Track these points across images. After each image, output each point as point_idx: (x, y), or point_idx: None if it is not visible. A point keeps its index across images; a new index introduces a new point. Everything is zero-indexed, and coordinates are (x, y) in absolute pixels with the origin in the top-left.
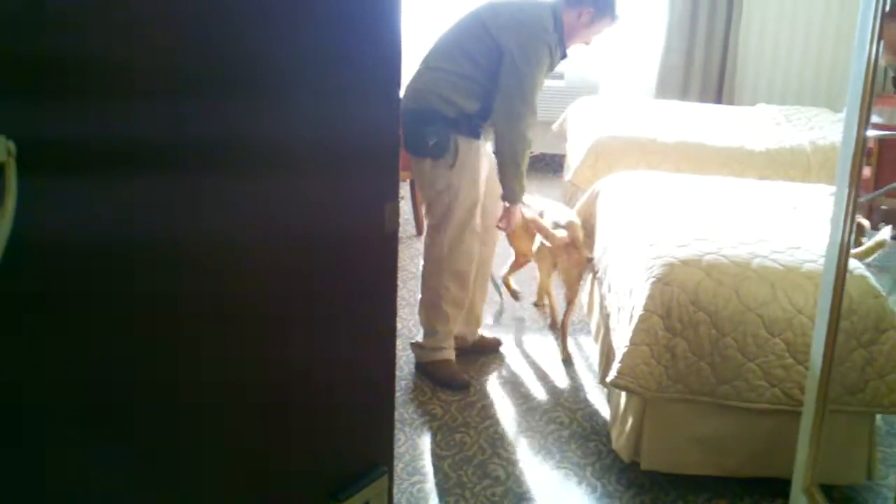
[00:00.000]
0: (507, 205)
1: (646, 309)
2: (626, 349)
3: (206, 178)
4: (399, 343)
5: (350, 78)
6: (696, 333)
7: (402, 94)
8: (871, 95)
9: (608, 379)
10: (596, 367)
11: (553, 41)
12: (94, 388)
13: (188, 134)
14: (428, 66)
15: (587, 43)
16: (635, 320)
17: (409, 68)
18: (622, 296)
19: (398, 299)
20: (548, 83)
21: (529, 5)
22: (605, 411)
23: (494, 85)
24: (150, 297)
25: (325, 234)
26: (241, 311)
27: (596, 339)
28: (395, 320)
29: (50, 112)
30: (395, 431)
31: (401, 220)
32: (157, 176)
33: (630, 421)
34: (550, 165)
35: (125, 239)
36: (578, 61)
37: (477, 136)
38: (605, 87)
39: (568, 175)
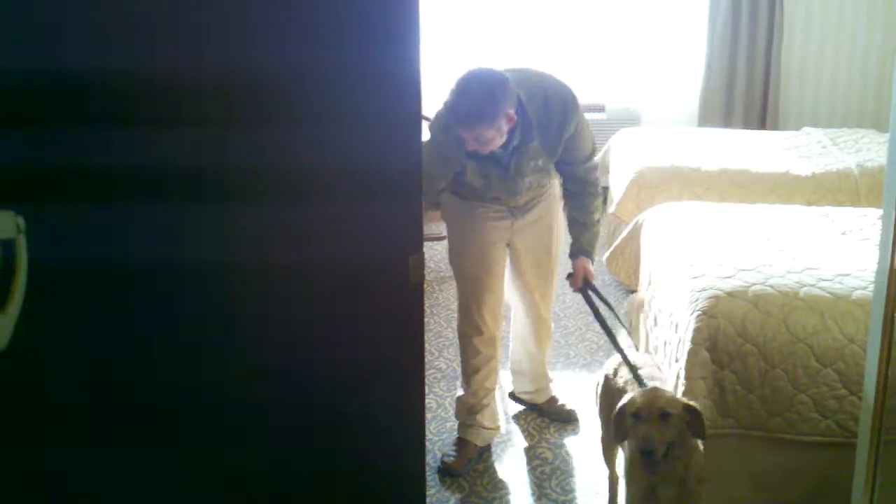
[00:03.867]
0: None
1: (694, 343)
2: (684, 386)
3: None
4: (444, 385)
5: (368, 117)
6: (744, 366)
7: None
8: None
9: None
10: None
11: (441, 136)
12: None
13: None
14: None
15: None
16: (685, 355)
17: None
18: (668, 330)
19: (443, 340)
20: (589, 116)
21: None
22: None
23: None
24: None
25: (345, 290)
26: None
27: None
28: (422, 377)
29: (70, 139)
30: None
31: (445, 258)
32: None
33: None
34: None
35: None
36: (618, 93)
37: (457, 194)
38: (647, 118)
39: (611, 208)
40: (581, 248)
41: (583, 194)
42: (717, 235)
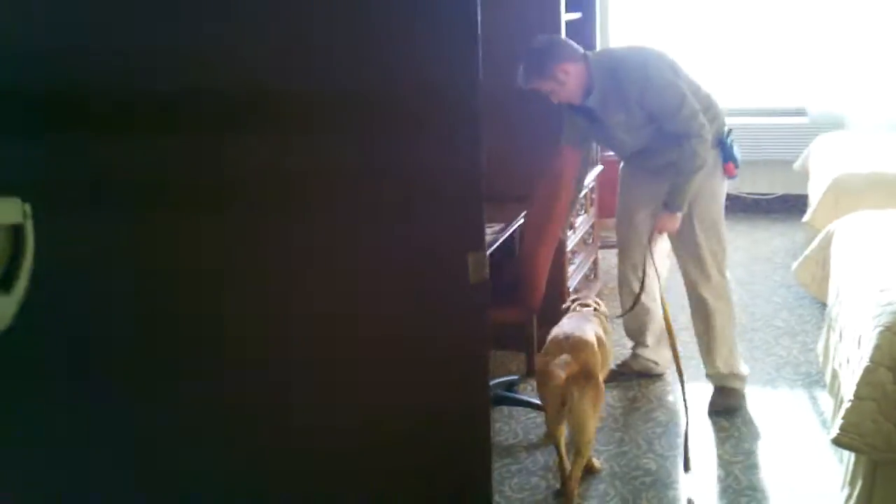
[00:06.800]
0: None
1: (872, 360)
2: (850, 404)
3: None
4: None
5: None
6: None
7: None
8: None
9: (830, 436)
10: (830, 422)
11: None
12: None
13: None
14: None
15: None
16: (860, 372)
17: None
18: (851, 345)
19: None
20: (788, 120)
21: None
22: (837, 472)
23: None
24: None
25: (403, 288)
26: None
27: (830, 392)
28: (486, 374)
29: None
30: (606, 486)
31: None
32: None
33: (860, 483)
34: (796, 206)
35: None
36: (821, 96)
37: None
38: (853, 122)
39: (806, 216)
40: (665, 199)
41: (676, 144)
42: None
